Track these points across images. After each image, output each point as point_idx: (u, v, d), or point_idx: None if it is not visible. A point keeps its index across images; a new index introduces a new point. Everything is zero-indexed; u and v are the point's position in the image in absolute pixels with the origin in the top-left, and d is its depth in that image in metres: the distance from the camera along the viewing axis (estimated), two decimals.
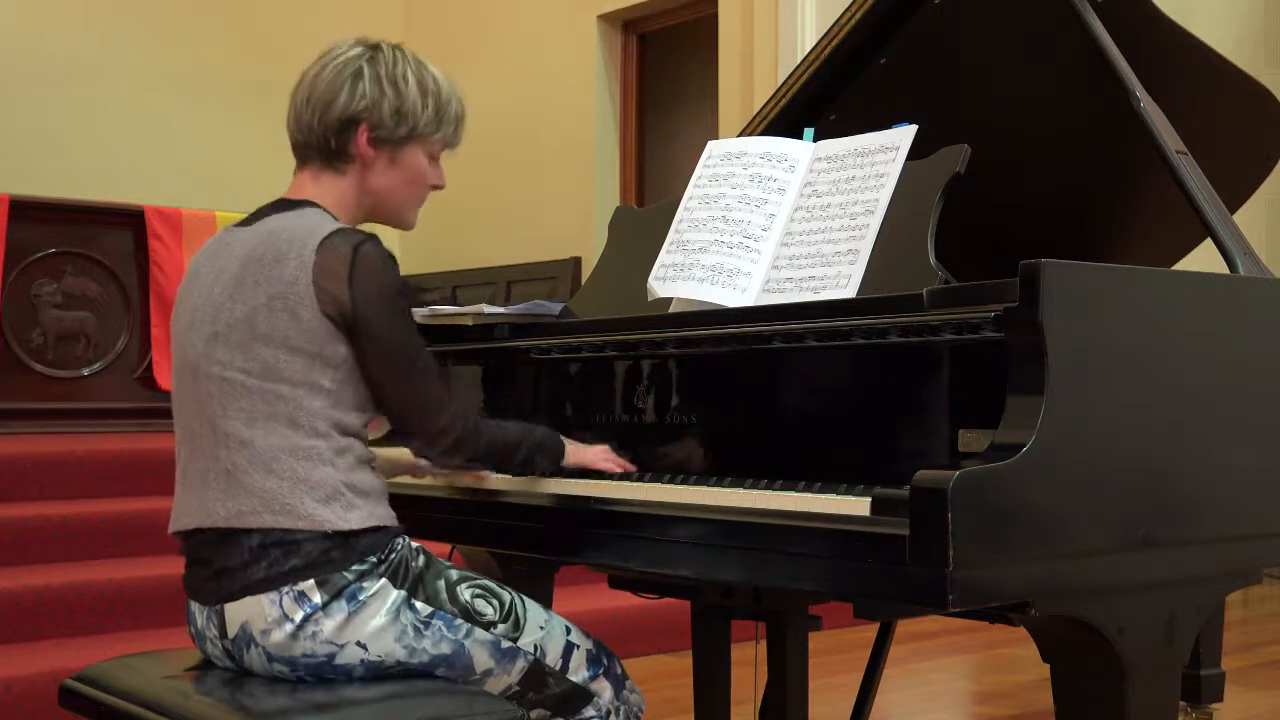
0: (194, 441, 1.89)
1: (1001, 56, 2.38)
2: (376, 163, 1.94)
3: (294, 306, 1.79)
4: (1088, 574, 1.57)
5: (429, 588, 1.85)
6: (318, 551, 1.77)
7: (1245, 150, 2.54)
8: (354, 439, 1.85)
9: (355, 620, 1.78)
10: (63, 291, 5.73)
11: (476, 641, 1.86)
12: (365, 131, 1.92)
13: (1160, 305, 1.68)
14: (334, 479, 1.80)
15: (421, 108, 1.94)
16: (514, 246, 7.97)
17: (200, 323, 1.88)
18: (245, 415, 1.81)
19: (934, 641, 4.73)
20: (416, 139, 1.95)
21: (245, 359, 1.81)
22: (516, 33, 8.19)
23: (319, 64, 1.95)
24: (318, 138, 1.92)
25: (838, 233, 1.99)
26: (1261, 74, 2.58)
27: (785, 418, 1.91)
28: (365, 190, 1.96)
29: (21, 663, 3.50)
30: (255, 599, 1.78)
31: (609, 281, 2.41)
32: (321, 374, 1.81)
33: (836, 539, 1.54)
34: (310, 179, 1.96)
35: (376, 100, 1.91)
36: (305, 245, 1.81)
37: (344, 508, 1.79)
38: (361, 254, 1.81)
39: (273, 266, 1.81)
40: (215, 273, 1.89)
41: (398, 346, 1.84)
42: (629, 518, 1.85)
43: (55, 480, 4.52)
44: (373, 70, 1.92)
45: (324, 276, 1.79)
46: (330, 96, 1.91)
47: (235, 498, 1.80)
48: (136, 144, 7.76)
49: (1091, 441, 1.56)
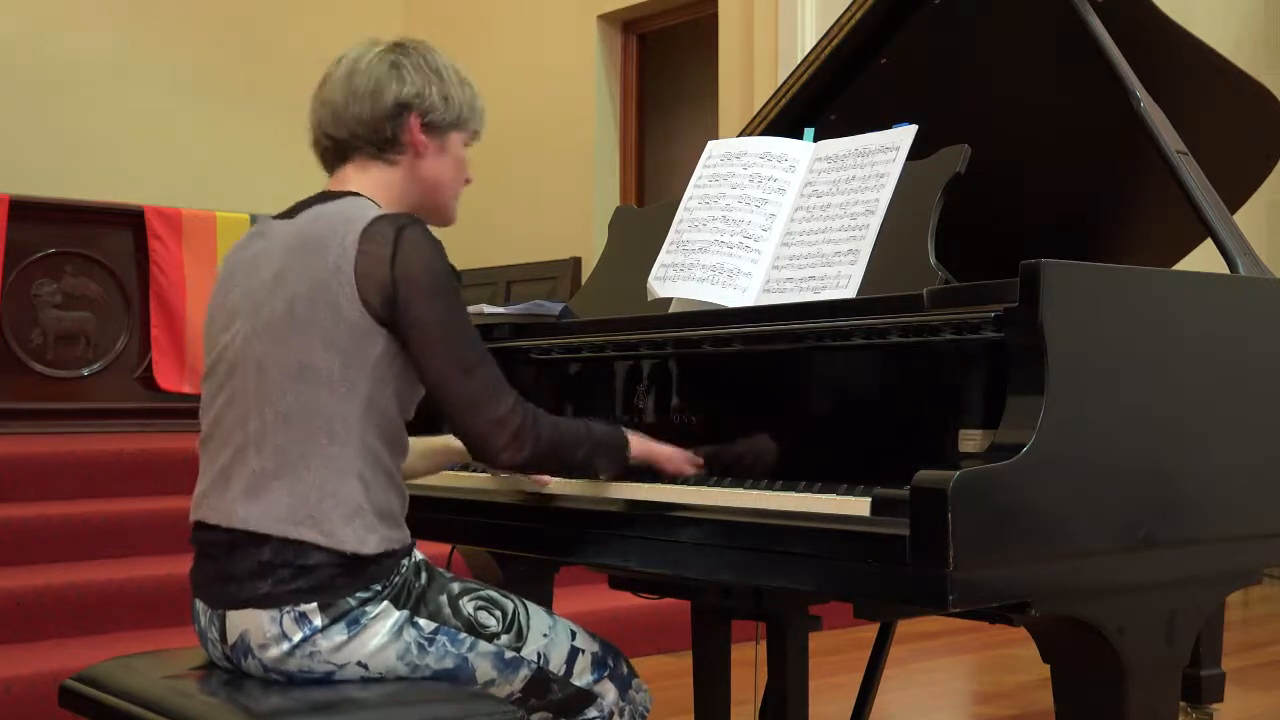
0: (224, 439, 1.84)
1: (1002, 56, 2.38)
2: (428, 150, 1.92)
3: (335, 297, 1.75)
4: (1088, 574, 1.57)
5: (431, 604, 1.83)
6: (326, 576, 1.75)
7: (1245, 150, 2.54)
8: (387, 447, 1.80)
9: (355, 642, 1.77)
10: (63, 291, 5.72)
11: (480, 654, 1.84)
12: (417, 118, 1.90)
13: (1160, 305, 1.68)
14: (358, 497, 1.76)
15: (461, 96, 1.94)
16: (514, 246, 7.97)
17: (241, 317, 1.84)
18: (281, 418, 1.77)
19: (934, 642, 4.73)
20: (459, 127, 1.95)
21: (283, 354, 1.77)
22: (516, 33, 8.19)
23: (346, 64, 1.91)
24: (369, 129, 1.88)
25: (838, 233, 1.99)
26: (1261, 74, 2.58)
27: (785, 418, 1.91)
28: (417, 179, 1.93)
29: (21, 663, 3.50)
30: (256, 613, 1.77)
31: (609, 281, 2.41)
32: (360, 372, 1.76)
33: (837, 539, 1.54)
34: (356, 172, 1.91)
35: (424, 87, 1.90)
36: (349, 231, 1.77)
37: (365, 529, 1.76)
38: (405, 235, 1.77)
39: (315, 254, 1.78)
40: (254, 267, 1.86)
41: (445, 331, 1.77)
42: (628, 518, 1.85)
43: (55, 480, 4.52)
44: (410, 60, 1.91)
45: (367, 261, 1.75)
46: (378, 87, 1.88)
47: (259, 503, 1.77)
48: (136, 144, 7.76)
49: (1092, 441, 1.56)
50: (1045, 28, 2.23)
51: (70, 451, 4.67)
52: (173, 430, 5.34)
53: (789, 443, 1.88)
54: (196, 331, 5.79)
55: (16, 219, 5.57)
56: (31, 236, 5.64)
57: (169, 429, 5.44)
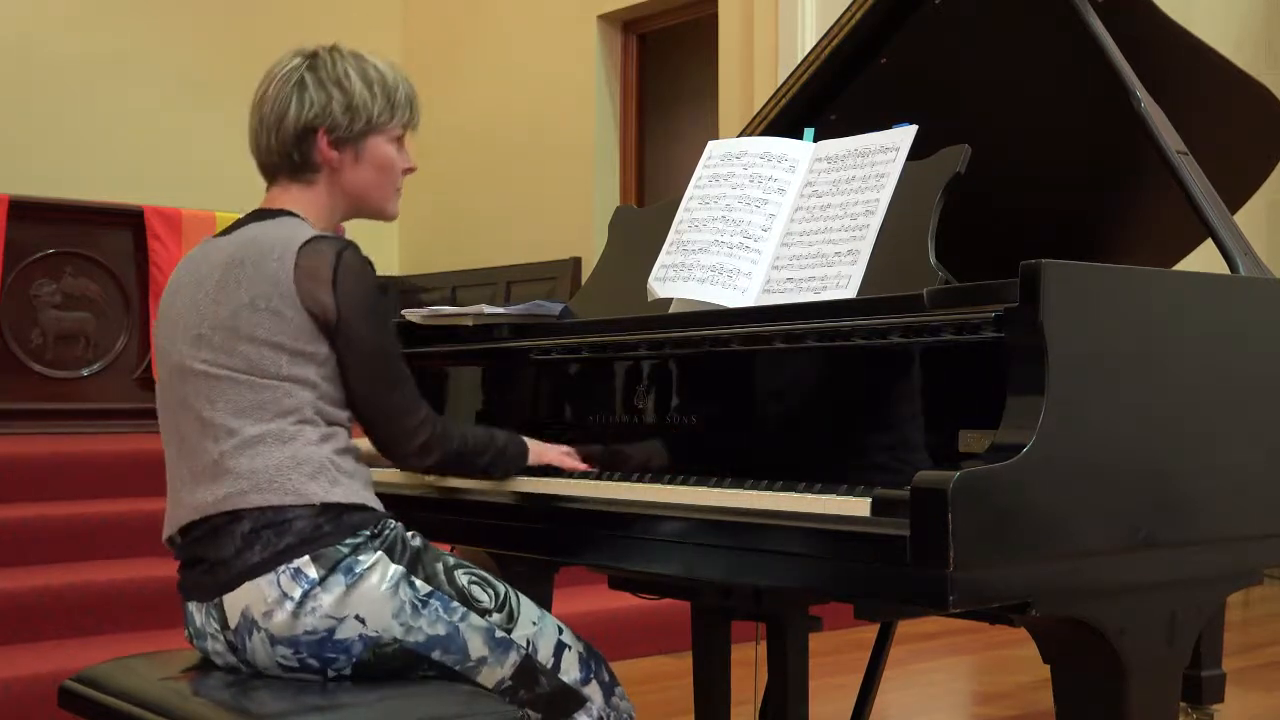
0: (182, 441, 1.91)
1: (1002, 56, 2.38)
2: (343, 163, 1.98)
3: (277, 305, 1.83)
4: (1088, 574, 1.57)
5: (428, 568, 1.87)
6: (309, 528, 1.80)
7: (1245, 150, 2.54)
8: (339, 428, 1.89)
9: (354, 593, 1.80)
10: (62, 292, 5.73)
11: (472, 626, 1.87)
12: (323, 136, 1.96)
13: (1161, 305, 1.68)
14: (320, 455, 1.84)
15: (371, 99, 1.98)
16: (514, 247, 7.97)
17: (185, 328, 1.91)
18: (233, 406, 1.84)
19: (934, 642, 4.73)
20: (375, 130, 1.99)
21: (229, 357, 1.85)
22: (516, 33, 8.18)
23: (264, 83, 1.99)
24: (279, 155, 1.97)
25: (838, 233, 1.99)
26: (1262, 74, 2.58)
27: (785, 418, 1.91)
28: (340, 192, 2.00)
29: (21, 663, 3.50)
30: (254, 583, 1.80)
31: (609, 282, 2.41)
32: (306, 369, 1.85)
33: (837, 540, 1.54)
34: (282, 193, 2.00)
35: (325, 104, 1.95)
36: (287, 247, 1.86)
37: (330, 482, 1.83)
38: (344, 260, 1.86)
39: (255, 267, 1.85)
40: (197, 281, 1.93)
41: (378, 349, 1.89)
42: (627, 519, 1.84)
43: (55, 480, 4.52)
44: (314, 76, 1.96)
45: (306, 278, 1.84)
46: (281, 112, 1.95)
47: (223, 483, 1.83)
48: (136, 144, 7.76)
49: (1092, 442, 1.55)
50: (1045, 27, 2.23)
51: (70, 452, 4.68)
52: None
53: (789, 443, 1.87)
54: None
55: (16, 219, 5.57)
56: (31, 236, 5.64)
57: None
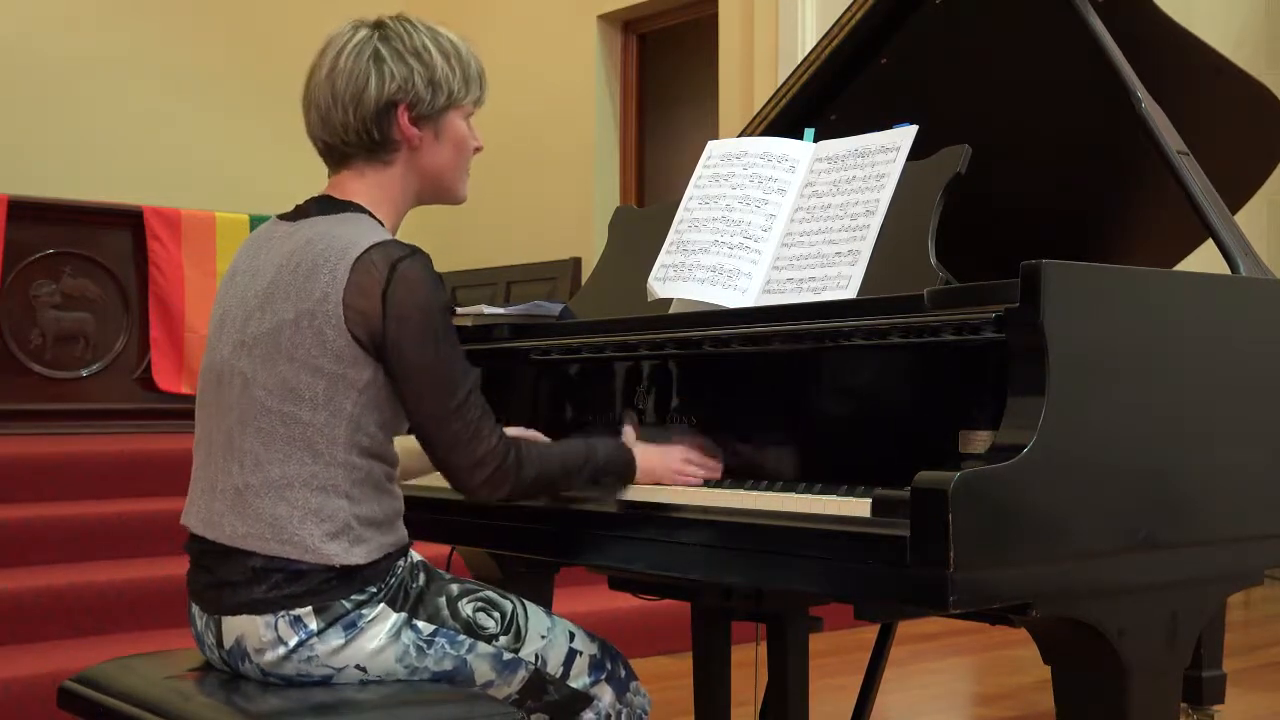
0: (210, 448, 1.84)
1: (1002, 56, 2.37)
2: (423, 141, 1.87)
3: (320, 325, 1.72)
4: (1089, 575, 1.57)
5: (430, 606, 1.82)
6: (319, 582, 1.74)
7: (1246, 150, 2.54)
8: (375, 461, 1.78)
9: (352, 646, 1.77)
10: (62, 292, 5.72)
11: (479, 655, 1.84)
12: (404, 112, 1.84)
13: (1161, 306, 1.68)
14: (346, 513, 1.74)
15: (450, 73, 1.87)
16: (514, 247, 7.96)
17: (230, 326, 1.83)
18: (264, 435, 1.76)
19: (934, 643, 4.73)
20: (453, 106, 1.88)
21: (268, 375, 1.75)
22: (516, 33, 8.18)
23: (328, 58, 1.85)
24: (356, 134, 1.83)
25: (838, 233, 1.99)
26: (1262, 74, 2.57)
27: (785, 419, 1.91)
28: (417, 173, 1.88)
29: (21, 663, 3.50)
30: (251, 618, 1.76)
31: (609, 282, 2.41)
32: (345, 396, 1.74)
33: (837, 540, 1.54)
34: (354, 177, 1.87)
35: (407, 77, 1.83)
36: (341, 260, 1.74)
37: (351, 542, 1.75)
38: (399, 272, 1.72)
39: (305, 279, 1.75)
40: (253, 273, 1.84)
41: (431, 373, 1.75)
42: (627, 519, 1.84)
43: (55, 480, 4.52)
44: (390, 48, 1.83)
45: (356, 295, 1.72)
46: (360, 87, 1.82)
47: (243, 520, 1.76)
48: (136, 144, 7.75)
49: (1092, 442, 1.55)
50: (1046, 27, 2.23)
51: (69, 452, 4.67)
52: (172, 431, 5.33)
53: (789, 444, 1.87)
54: (196, 332, 5.80)
55: (15, 219, 5.57)
56: (31, 237, 5.64)
57: (168, 429, 5.43)
